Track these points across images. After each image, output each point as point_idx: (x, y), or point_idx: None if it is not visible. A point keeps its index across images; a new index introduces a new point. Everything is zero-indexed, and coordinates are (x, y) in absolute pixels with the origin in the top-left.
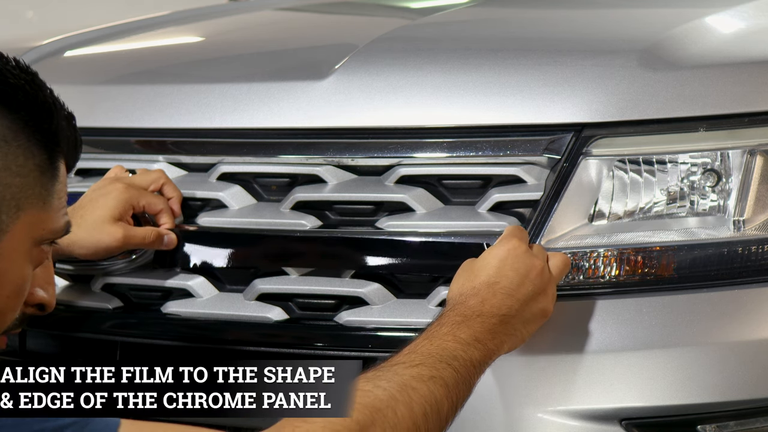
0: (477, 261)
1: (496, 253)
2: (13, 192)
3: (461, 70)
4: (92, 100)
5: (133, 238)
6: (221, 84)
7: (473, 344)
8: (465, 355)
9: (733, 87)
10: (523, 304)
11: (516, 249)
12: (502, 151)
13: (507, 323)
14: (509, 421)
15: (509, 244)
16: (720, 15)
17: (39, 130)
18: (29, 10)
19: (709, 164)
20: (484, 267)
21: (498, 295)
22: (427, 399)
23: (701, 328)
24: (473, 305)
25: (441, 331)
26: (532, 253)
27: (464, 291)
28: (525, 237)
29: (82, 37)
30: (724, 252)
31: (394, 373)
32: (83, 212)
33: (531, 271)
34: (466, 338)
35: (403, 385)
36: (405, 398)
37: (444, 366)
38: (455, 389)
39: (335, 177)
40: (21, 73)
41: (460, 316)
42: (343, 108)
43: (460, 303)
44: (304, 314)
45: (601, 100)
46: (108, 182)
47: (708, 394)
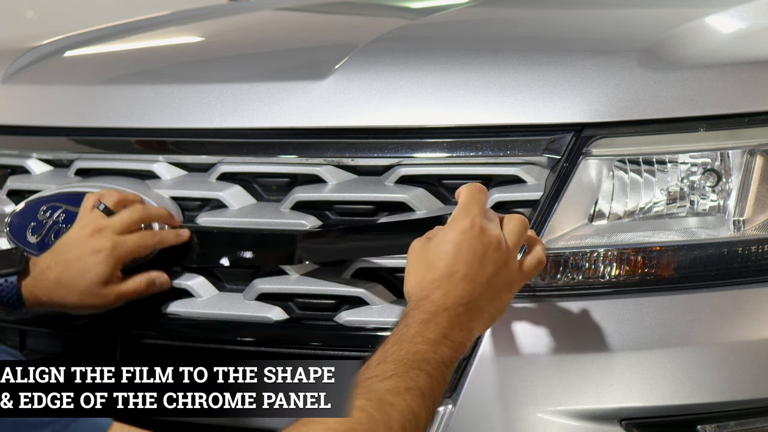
0: (429, 249)
1: (450, 238)
2: None
3: (461, 70)
4: (92, 100)
5: (126, 294)
6: (221, 84)
7: (443, 342)
8: (436, 356)
9: (733, 87)
10: (486, 285)
11: (470, 230)
12: (502, 151)
13: (473, 309)
14: (509, 421)
15: (463, 225)
16: (720, 15)
17: None
18: (29, 10)
19: (709, 164)
20: (440, 255)
21: (459, 283)
22: (404, 414)
23: (701, 328)
24: (437, 299)
25: (409, 333)
26: (486, 230)
27: (425, 285)
28: (481, 202)
29: (82, 37)
30: (724, 252)
31: (368, 389)
32: (71, 274)
33: (488, 250)
34: (434, 337)
35: (380, 402)
36: (383, 417)
37: (417, 373)
38: (431, 396)
39: (335, 177)
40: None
41: (425, 314)
42: (343, 108)
43: (424, 298)
44: (304, 314)
45: (601, 100)
46: (92, 233)
47: (708, 394)
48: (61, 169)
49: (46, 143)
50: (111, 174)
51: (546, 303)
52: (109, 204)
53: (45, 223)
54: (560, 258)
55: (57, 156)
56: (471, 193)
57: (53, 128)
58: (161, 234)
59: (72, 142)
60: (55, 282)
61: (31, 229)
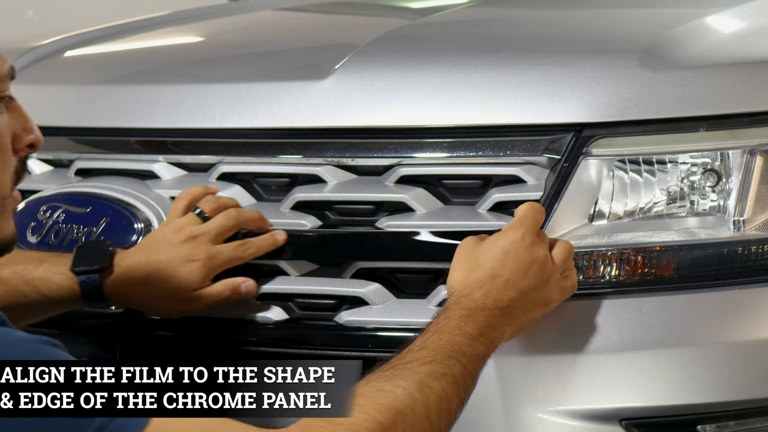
0: (479, 249)
1: (501, 245)
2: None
3: (461, 70)
4: (92, 100)
5: (210, 301)
6: (221, 84)
7: (478, 338)
8: (471, 350)
9: (733, 87)
10: (524, 295)
11: (521, 241)
12: (502, 151)
13: (508, 314)
14: (509, 421)
15: (515, 235)
16: (720, 15)
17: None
18: (29, 10)
19: (709, 164)
20: (488, 258)
21: (500, 287)
22: (441, 397)
23: (701, 328)
24: (477, 298)
25: (449, 324)
26: (536, 244)
27: (468, 283)
28: (537, 221)
29: (82, 37)
30: (724, 252)
31: (410, 370)
32: (159, 277)
33: (534, 263)
34: (472, 332)
35: (419, 384)
36: (422, 397)
37: (454, 362)
38: (463, 385)
39: (335, 177)
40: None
41: (465, 310)
42: (343, 108)
43: (465, 296)
44: (304, 314)
45: (601, 100)
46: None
47: (708, 394)
48: (61, 169)
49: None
50: (111, 174)
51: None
52: (206, 210)
53: (45, 223)
54: None
55: (57, 156)
56: (529, 209)
57: (53, 128)
58: (257, 244)
59: (72, 142)
60: (140, 282)
61: (31, 229)
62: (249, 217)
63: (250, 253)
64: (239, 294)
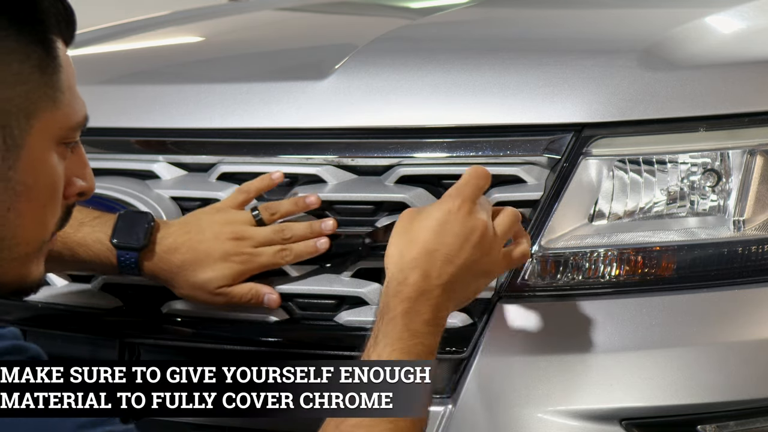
0: (414, 221)
1: (436, 216)
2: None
3: (461, 70)
4: (92, 100)
5: (232, 300)
6: (221, 84)
7: (427, 331)
8: (425, 348)
9: (733, 87)
10: (464, 268)
11: (457, 211)
12: (502, 151)
13: (449, 290)
14: (509, 421)
15: (451, 204)
16: (720, 15)
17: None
18: None
19: (709, 164)
20: (422, 231)
21: (437, 263)
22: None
23: (701, 328)
24: (415, 282)
25: (396, 329)
26: (474, 212)
27: (404, 265)
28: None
29: (82, 37)
30: (724, 252)
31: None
32: (196, 266)
33: (472, 234)
34: (420, 328)
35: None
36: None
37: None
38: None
39: (335, 177)
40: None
41: (406, 302)
42: (343, 108)
43: (401, 282)
44: (304, 314)
45: (601, 100)
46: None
47: (708, 394)
48: None
49: None
50: (111, 174)
51: (546, 303)
52: (264, 217)
53: None
54: (560, 258)
55: None
56: (471, 175)
57: None
58: (296, 251)
59: None
60: (176, 265)
61: None
62: (300, 233)
63: (288, 260)
64: (259, 303)
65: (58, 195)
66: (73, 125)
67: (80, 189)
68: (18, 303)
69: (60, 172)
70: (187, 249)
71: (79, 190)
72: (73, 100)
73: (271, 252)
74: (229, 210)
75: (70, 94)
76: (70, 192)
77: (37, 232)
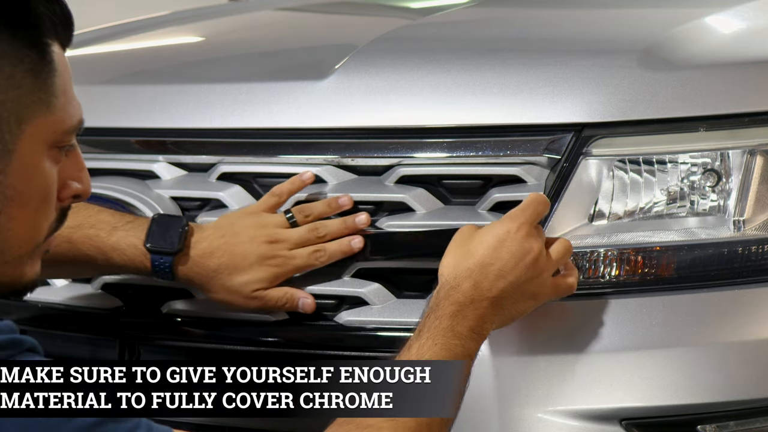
0: (474, 237)
1: (495, 233)
2: (10, 108)
3: (461, 70)
4: (92, 100)
5: (266, 304)
6: (221, 84)
7: (470, 336)
8: (464, 351)
9: (733, 87)
10: (515, 286)
11: (516, 232)
12: (502, 151)
13: (497, 305)
14: (509, 421)
15: (511, 225)
16: (720, 15)
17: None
18: None
19: (709, 164)
20: (481, 245)
21: (490, 277)
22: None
23: (701, 328)
24: (466, 290)
25: (441, 326)
26: (531, 236)
27: (458, 272)
28: (538, 213)
29: (82, 37)
30: (724, 252)
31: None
32: (231, 270)
33: (527, 255)
34: (463, 331)
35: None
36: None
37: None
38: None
39: (335, 177)
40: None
41: (455, 305)
42: (343, 108)
43: (454, 288)
44: (304, 314)
45: (601, 100)
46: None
47: (708, 394)
48: None
49: None
50: (111, 174)
51: (546, 303)
52: (298, 219)
53: None
54: None
55: None
56: (532, 200)
57: None
58: (330, 251)
59: None
60: (211, 270)
61: None
62: (334, 230)
63: (322, 261)
64: (294, 307)
65: (50, 199)
66: (67, 129)
67: (75, 192)
68: (18, 303)
69: (53, 176)
70: (222, 253)
71: (74, 192)
72: (68, 104)
73: (305, 254)
74: (262, 213)
75: (65, 98)
76: (64, 195)
77: (29, 236)
